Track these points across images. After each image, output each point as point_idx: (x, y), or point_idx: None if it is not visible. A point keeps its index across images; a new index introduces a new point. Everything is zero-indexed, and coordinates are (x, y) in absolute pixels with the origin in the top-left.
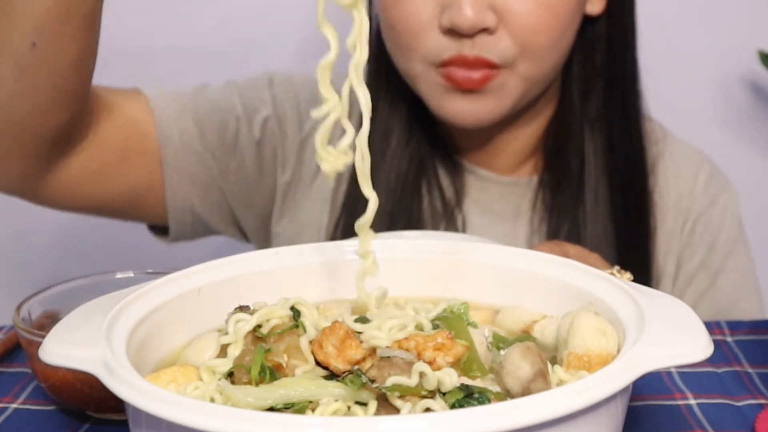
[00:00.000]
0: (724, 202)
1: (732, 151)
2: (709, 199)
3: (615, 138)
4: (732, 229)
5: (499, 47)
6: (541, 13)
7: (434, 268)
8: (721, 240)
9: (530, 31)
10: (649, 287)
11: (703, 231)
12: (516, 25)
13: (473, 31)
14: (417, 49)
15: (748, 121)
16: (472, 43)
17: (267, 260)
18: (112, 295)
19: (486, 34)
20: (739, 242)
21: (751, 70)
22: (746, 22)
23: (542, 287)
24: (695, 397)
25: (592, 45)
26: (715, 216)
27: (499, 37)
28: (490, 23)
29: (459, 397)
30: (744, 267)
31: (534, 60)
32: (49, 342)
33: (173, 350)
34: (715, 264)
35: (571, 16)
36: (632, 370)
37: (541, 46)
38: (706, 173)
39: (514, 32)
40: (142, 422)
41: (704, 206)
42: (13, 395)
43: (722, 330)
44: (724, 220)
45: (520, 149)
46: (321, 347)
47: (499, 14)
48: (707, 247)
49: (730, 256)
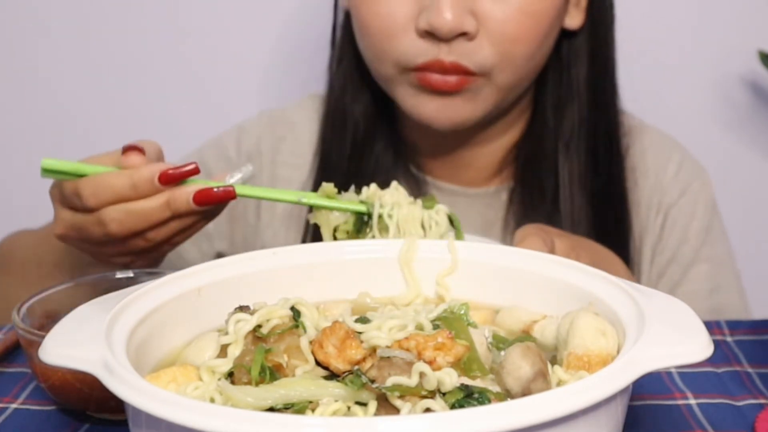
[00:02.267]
0: (696, 189)
1: (732, 151)
2: (679, 190)
3: (593, 160)
4: (704, 217)
5: (478, 55)
6: (523, 21)
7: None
8: (693, 230)
9: (511, 40)
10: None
11: (673, 223)
12: (496, 33)
13: (452, 36)
14: (390, 51)
15: (748, 121)
16: (450, 48)
17: (267, 260)
18: (112, 295)
19: (465, 40)
20: (713, 230)
21: (751, 70)
22: (746, 22)
23: (542, 287)
24: (695, 396)
25: (568, 60)
26: (685, 206)
27: (479, 43)
28: (470, 28)
29: (459, 397)
30: (718, 255)
31: (510, 69)
32: (49, 342)
33: (173, 350)
34: (686, 256)
35: (551, 26)
36: (632, 370)
37: (520, 55)
38: (676, 162)
39: (494, 40)
40: (142, 422)
41: (674, 197)
42: (13, 395)
43: (722, 330)
44: (695, 209)
45: (489, 163)
46: (321, 347)
47: (479, 20)
48: (678, 239)
49: (703, 246)
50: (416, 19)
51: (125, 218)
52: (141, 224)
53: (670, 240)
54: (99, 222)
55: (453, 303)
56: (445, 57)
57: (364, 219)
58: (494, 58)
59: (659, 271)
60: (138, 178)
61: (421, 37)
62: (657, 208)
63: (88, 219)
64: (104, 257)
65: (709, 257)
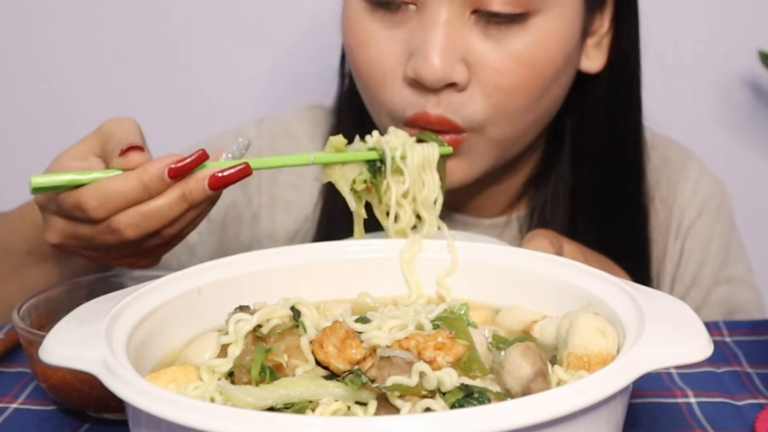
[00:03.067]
0: (714, 208)
1: (732, 151)
2: (696, 210)
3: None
4: (723, 236)
5: (468, 108)
6: (520, 73)
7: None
8: (712, 252)
9: (506, 92)
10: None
11: (692, 248)
12: (490, 84)
13: (439, 86)
14: (382, 100)
15: (748, 121)
16: (438, 100)
17: (267, 260)
18: (112, 295)
19: (454, 91)
20: (732, 248)
21: (751, 70)
22: (746, 22)
23: (542, 287)
24: (695, 395)
25: (588, 106)
26: (703, 227)
27: (470, 95)
28: (459, 78)
29: (459, 397)
30: (738, 275)
31: (505, 123)
32: (49, 342)
33: (173, 350)
34: (706, 279)
35: (555, 76)
36: (632, 370)
37: (516, 108)
38: (693, 180)
39: (487, 91)
40: (142, 422)
41: (692, 218)
42: (13, 395)
43: (721, 330)
44: (714, 229)
45: (502, 199)
46: (321, 347)
47: (471, 68)
48: (697, 262)
49: (723, 267)
50: (405, 64)
51: (141, 221)
52: (158, 224)
53: (689, 265)
54: (111, 230)
55: (453, 303)
56: (432, 110)
57: (377, 166)
58: (486, 112)
59: (679, 297)
60: (148, 178)
61: (410, 85)
62: (675, 234)
63: (97, 229)
64: (107, 260)
65: (729, 278)
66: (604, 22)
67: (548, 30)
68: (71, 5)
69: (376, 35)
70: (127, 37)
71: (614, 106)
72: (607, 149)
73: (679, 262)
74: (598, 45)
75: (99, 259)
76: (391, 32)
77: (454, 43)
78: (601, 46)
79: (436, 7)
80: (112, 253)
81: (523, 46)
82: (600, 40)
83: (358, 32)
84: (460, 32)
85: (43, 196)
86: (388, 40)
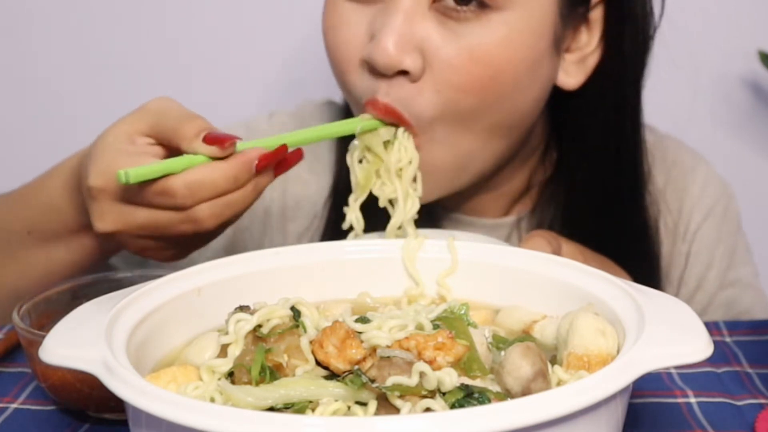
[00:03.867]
0: (720, 211)
1: (732, 151)
2: (703, 213)
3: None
4: (729, 239)
5: (416, 101)
6: (473, 70)
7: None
8: (718, 255)
9: (456, 89)
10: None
11: (698, 250)
12: (441, 78)
13: (389, 71)
14: (347, 86)
15: (748, 121)
16: (388, 88)
17: (267, 260)
18: (112, 295)
19: (406, 80)
20: (738, 251)
21: (751, 70)
22: (746, 22)
23: (542, 287)
24: (695, 395)
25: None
26: (710, 230)
27: (420, 88)
28: (411, 66)
29: (459, 396)
30: (744, 278)
31: (456, 126)
32: (49, 342)
33: (173, 350)
34: (712, 282)
35: (514, 81)
36: (632, 370)
37: (467, 109)
38: (700, 183)
39: (438, 86)
40: (142, 422)
41: (699, 221)
42: (13, 395)
43: (721, 330)
44: (720, 232)
45: (503, 202)
46: (321, 347)
47: (426, 61)
48: (703, 265)
49: (729, 270)
50: (366, 47)
51: (223, 211)
52: (234, 215)
53: (695, 268)
54: (192, 220)
55: (453, 303)
56: (382, 97)
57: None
58: (434, 109)
59: (685, 300)
60: (239, 170)
61: (367, 71)
62: (682, 237)
63: (179, 217)
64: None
65: (735, 281)
66: (591, 40)
67: (509, 30)
68: (71, 5)
69: (348, 18)
70: (126, 37)
71: (608, 119)
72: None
73: (685, 265)
74: (581, 62)
75: (150, 250)
76: (359, 15)
77: (411, 31)
78: (585, 64)
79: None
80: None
81: (479, 41)
82: (584, 57)
83: (332, 15)
84: (419, 21)
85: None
86: (354, 24)
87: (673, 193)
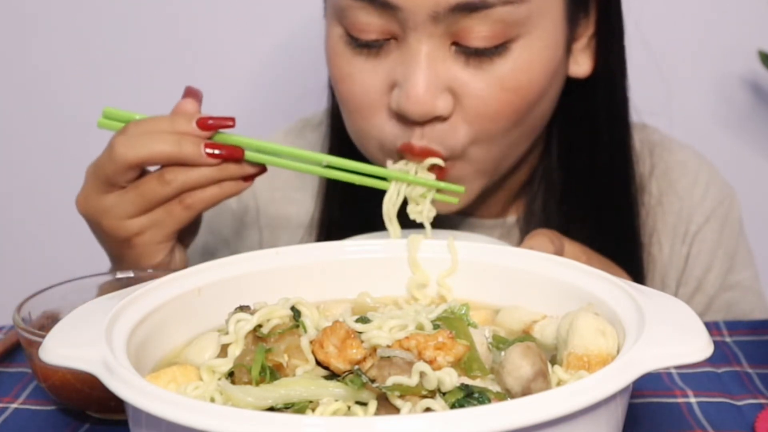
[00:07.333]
0: (722, 213)
1: (732, 151)
2: (705, 216)
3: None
4: (730, 242)
5: (451, 137)
6: (503, 98)
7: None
8: (719, 258)
9: (488, 119)
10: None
11: (698, 252)
12: (472, 112)
13: (425, 119)
14: (370, 133)
15: (748, 121)
16: (423, 131)
17: (267, 260)
18: (112, 295)
19: (438, 121)
20: (739, 254)
21: (751, 70)
22: (746, 22)
23: (542, 287)
24: (695, 395)
25: (571, 107)
26: (710, 233)
27: (453, 124)
28: (444, 111)
29: (459, 396)
30: (744, 281)
31: (486, 145)
32: (49, 342)
33: (173, 350)
34: (712, 285)
35: (540, 95)
36: (632, 370)
37: (497, 132)
38: (703, 185)
39: (470, 119)
40: (142, 422)
41: (700, 224)
42: (13, 395)
43: (721, 330)
44: (721, 234)
45: (502, 201)
46: (322, 347)
47: (455, 98)
48: (703, 268)
49: (729, 273)
50: (389, 95)
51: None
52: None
53: (695, 270)
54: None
55: (453, 303)
56: (417, 142)
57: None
58: (467, 139)
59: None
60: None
61: (395, 117)
62: (683, 238)
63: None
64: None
65: (735, 284)
66: (590, 24)
67: (531, 53)
68: (71, 5)
69: (360, 68)
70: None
71: (598, 103)
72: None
73: (684, 267)
74: (586, 47)
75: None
76: (374, 64)
77: (436, 76)
78: (589, 47)
79: (416, 42)
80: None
81: (506, 71)
82: (588, 42)
83: (341, 65)
84: (441, 64)
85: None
86: (371, 73)
87: (674, 195)
